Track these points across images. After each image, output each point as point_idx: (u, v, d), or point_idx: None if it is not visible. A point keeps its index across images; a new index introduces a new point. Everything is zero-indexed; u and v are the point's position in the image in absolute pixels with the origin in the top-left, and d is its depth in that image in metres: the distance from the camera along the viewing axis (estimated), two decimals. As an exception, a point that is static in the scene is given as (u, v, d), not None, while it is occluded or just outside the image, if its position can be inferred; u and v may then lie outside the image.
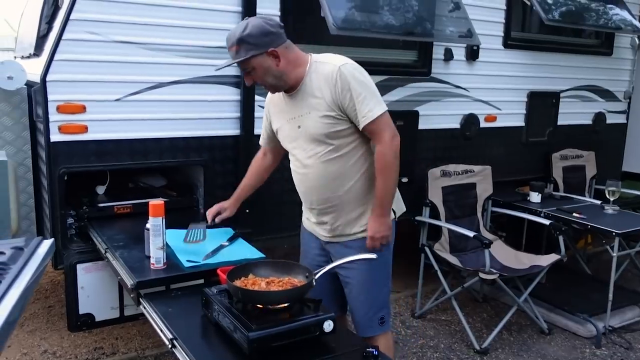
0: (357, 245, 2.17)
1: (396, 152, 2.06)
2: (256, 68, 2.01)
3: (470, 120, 3.88)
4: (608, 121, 4.78)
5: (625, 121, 4.97)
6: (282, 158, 2.44)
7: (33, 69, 2.76)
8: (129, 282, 2.01)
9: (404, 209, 2.34)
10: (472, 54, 3.80)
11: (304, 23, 3.16)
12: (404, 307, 3.86)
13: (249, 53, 1.97)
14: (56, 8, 2.92)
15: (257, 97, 2.98)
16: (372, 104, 1.99)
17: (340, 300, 2.34)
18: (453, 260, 3.49)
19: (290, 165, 2.25)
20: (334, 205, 2.16)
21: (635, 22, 4.58)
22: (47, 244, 1.51)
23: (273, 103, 2.25)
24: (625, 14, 4.49)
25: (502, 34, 3.96)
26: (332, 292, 2.30)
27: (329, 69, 2.01)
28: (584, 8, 4.25)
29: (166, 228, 2.08)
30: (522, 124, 4.23)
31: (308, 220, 2.34)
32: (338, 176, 2.11)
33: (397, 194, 2.23)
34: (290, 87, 2.09)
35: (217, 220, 2.49)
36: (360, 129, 2.04)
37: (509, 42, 3.99)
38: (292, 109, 2.12)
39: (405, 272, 4.02)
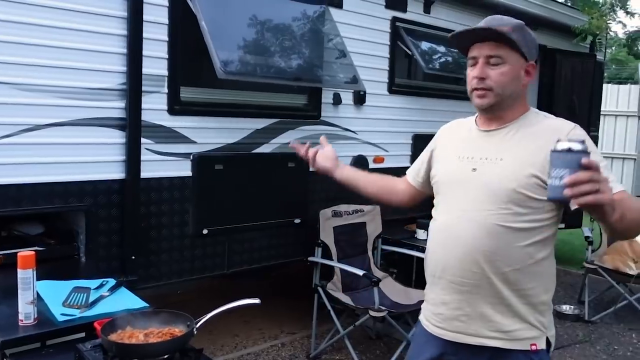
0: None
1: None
2: (506, 64, 1.63)
3: (360, 161, 4.02)
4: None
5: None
6: (406, 204, 2.07)
7: None
8: (-8, 341, 1.84)
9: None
10: (360, 99, 3.98)
11: (193, 67, 3.16)
12: (299, 348, 3.84)
13: (519, 43, 1.63)
14: None
15: (143, 140, 2.92)
16: (612, 177, 1.47)
17: None
18: (345, 299, 3.54)
19: (433, 218, 1.81)
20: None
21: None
22: None
23: (450, 133, 1.91)
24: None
25: (387, 81, 4.19)
26: None
27: (560, 124, 1.67)
28: (460, 58, 4.61)
29: (44, 279, 1.95)
30: (409, 164, 4.42)
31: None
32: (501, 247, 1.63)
33: (550, 320, 1.73)
34: (497, 119, 1.71)
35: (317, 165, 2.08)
36: None
37: (393, 88, 4.23)
38: (476, 146, 1.73)
39: (301, 313, 4.03)
